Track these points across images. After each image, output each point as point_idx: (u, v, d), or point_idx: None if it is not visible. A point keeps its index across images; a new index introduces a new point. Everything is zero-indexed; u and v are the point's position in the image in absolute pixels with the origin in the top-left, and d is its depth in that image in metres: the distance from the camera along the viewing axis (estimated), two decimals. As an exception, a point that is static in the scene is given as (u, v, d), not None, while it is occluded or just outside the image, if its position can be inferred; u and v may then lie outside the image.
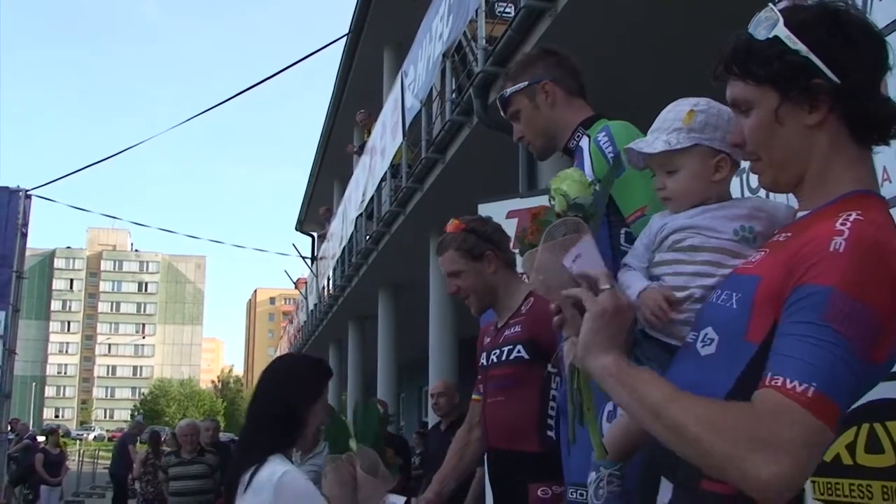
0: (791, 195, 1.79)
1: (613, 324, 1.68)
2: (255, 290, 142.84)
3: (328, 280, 21.73)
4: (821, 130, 1.64)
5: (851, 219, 1.51)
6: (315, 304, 24.87)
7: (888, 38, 2.44)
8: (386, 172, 13.52)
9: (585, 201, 1.91)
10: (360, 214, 15.78)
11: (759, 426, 1.40)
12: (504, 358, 3.32)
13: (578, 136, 2.91)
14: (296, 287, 30.01)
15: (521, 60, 3.13)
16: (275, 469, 2.67)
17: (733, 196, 2.08)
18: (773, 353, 1.47)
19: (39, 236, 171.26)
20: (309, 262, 26.19)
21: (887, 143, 1.69)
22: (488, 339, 3.49)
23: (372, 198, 14.77)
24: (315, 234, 29.00)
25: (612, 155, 2.65)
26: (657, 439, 1.55)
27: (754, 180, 2.95)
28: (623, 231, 2.66)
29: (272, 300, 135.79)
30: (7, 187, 12.32)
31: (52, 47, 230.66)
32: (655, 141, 2.03)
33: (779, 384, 1.41)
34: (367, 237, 15.46)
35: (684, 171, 2.00)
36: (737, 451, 1.40)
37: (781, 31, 1.62)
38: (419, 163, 11.36)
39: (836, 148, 1.65)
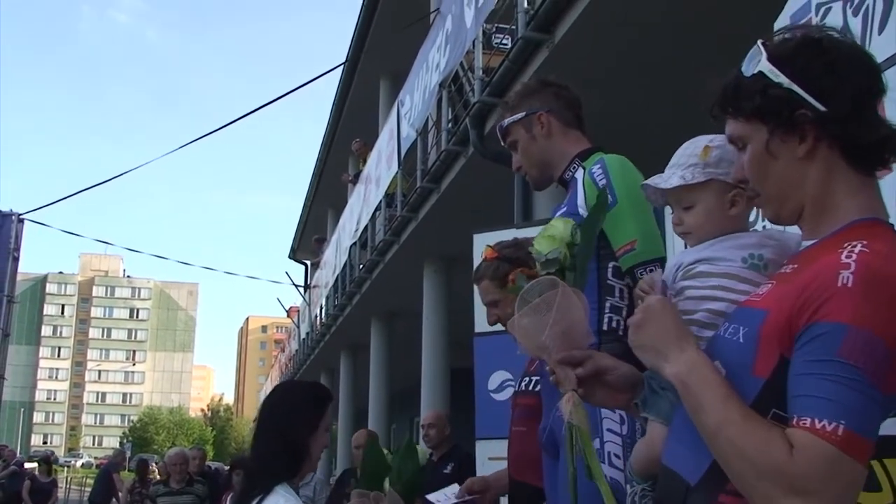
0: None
1: (666, 315, 1.70)
2: (248, 318, 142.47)
3: (321, 309, 21.69)
4: (813, 160, 1.64)
5: (857, 251, 1.49)
6: (307, 333, 24.81)
7: (888, 72, 2.47)
8: (381, 201, 13.53)
9: (559, 254, 1.99)
10: (354, 243, 15.77)
11: (795, 470, 1.40)
12: (530, 388, 3.27)
13: (574, 167, 2.92)
14: (288, 315, 29.98)
15: (520, 91, 3.15)
16: (277, 501, 2.67)
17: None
18: (795, 395, 1.46)
19: (31, 261, 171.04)
20: (302, 290, 26.16)
21: (889, 168, 1.67)
22: (527, 364, 3.45)
23: (366, 227, 14.79)
24: (308, 263, 29.00)
25: (605, 187, 2.66)
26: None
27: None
28: (611, 265, 2.69)
29: (264, 328, 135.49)
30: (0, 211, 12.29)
31: (47, 72, 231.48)
32: (672, 177, 2.04)
33: (807, 425, 1.41)
34: (361, 266, 15.45)
35: (701, 206, 2.01)
36: (775, 495, 1.41)
37: (765, 65, 1.63)
38: (414, 192, 11.36)
39: (833, 176, 1.63)
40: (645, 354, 1.69)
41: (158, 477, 12.09)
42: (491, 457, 5.17)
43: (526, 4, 7.55)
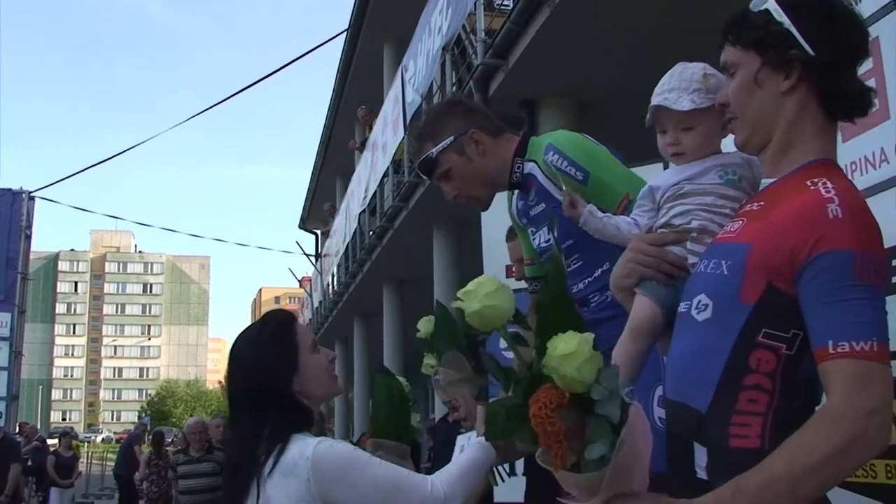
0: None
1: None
2: (260, 290, 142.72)
3: (332, 277, 21.76)
4: (792, 97, 1.82)
5: (830, 186, 1.68)
6: (320, 302, 24.91)
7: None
8: (388, 168, 13.53)
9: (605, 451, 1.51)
10: (363, 210, 15.80)
11: (855, 406, 1.55)
12: None
13: (519, 166, 2.89)
14: (301, 285, 30.04)
15: (430, 119, 3.04)
16: (305, 444, 2.25)
17: None
18: (824, 323, 1.61)
19: (43, 239, 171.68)
20: (313, 259, 26.22)
21: (852, 121, 1.88)
22: None
23: (374, 193, 14.79)
24: (319, 232, 29.04)
25: (569, 168, 2.67)
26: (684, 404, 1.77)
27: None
28: None
29: (277, 299, 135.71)
30: (10, 189, 12.36)
31: (52, 51, 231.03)
32: (679, 99, 2.17)
33: (846, 350, 1.57)
34: (371, 233, 15.48)
35: (701, 129, 2.16)
36: (858, 448, 1.55)
37: (772, 4, 1.82)
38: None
39: (805, 114, 1.82)
40: None
41: (175, 448, 12.22)
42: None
43: (524, -36, 7.52)
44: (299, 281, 29.34)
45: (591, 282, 2.82)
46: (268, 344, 2.42)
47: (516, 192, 3.05)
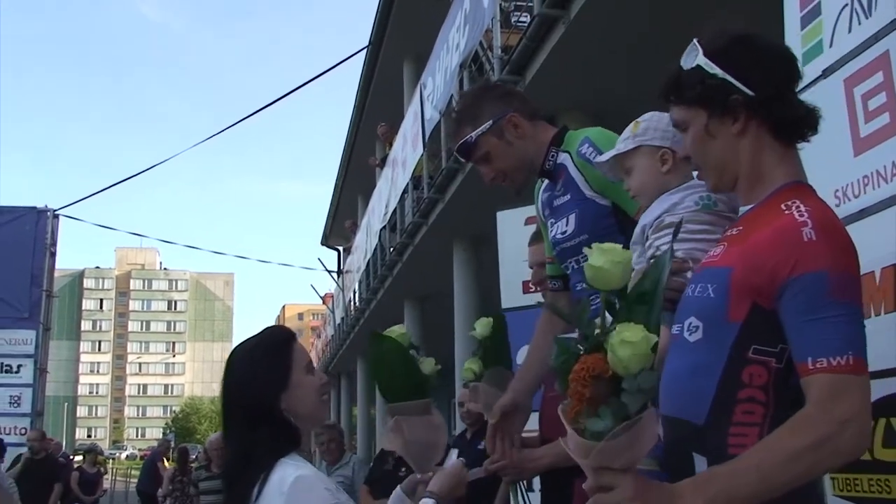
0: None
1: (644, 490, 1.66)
2: (284, 307, 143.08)
3: (354, 293, 21.82)
4: (745, 137, 1.93)
5: (803, 209, 1.79)
6: (342, 318, 24.97)
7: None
8: (408, 184, 13.59)
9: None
10: (384, 227, 15.86)
11: (829, 414, 1.65)
12: None
13: (553, 155, 2.94)
14: (323, 302, 30.14)
15: (469, 103, 3.09)
16: (285, 474, 2.24)
17: None
18: (804, 341, 1.71)
19: (68, 256, 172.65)
20: (335, 275, 26.31)
21: (807, 140, 1.97)
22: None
23: (395, 209, 14.85)
24: (341, 248, 29.15)
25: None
26: (679, 420, 1.84)
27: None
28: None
29: (300, 316, 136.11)
30: (35, 207, 12.52)
31: (75, 68, 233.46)
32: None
33: (824, 365, 1.68)
34: (392, 249, 15.54)
35: (636, 169, 2.38)
36: (829, 450, 1.66)
37: (702, 59, 1.93)
38: (440, 173, 11.42)
39: (762, 148, 1.93)
40: None
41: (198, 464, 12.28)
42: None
43: (540, -19, 7.57)
44: (321, 297, 29.44)
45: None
46: (262, 360, 2.41)
47: (543, 184, 3.10)
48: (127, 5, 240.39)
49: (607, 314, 1.66)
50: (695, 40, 1.97)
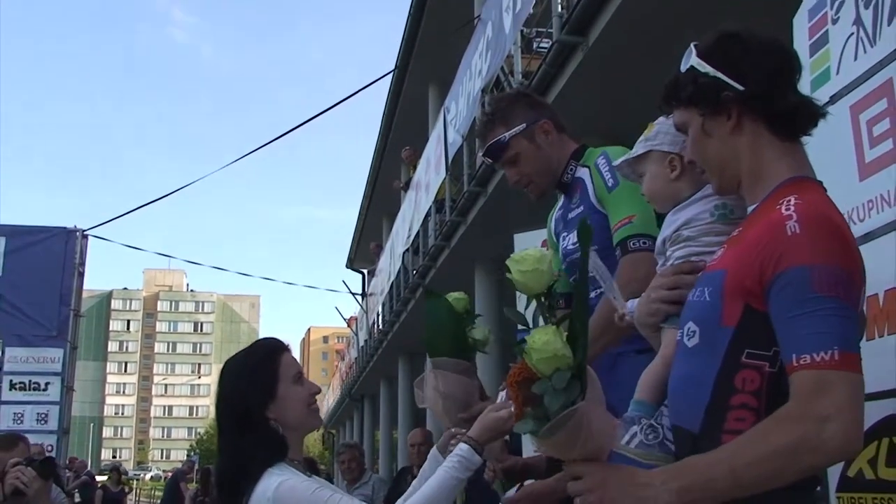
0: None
1: (614, 476, 1.72)
2: (309, 329, 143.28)
3: (378, 316, 21.87)
4: (741, 133, 1.92)
5: (793, 203, 1.75)
6: (365, 341, 25.00)
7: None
8: (430, 207, 13.68)
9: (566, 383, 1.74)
10: (407, 249, 15.94)
11: (808, 410, 1.61)
12: None
13: (572, 168, 3.03)
14: (348, 325, 30.17)
15: (503, 106, 3.17)
16: (270, 482, 2.32)
17: None
18: (788, 338, 1.68)
19: (97, 277, 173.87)
20: (359, 298, 26.39)
21: (808, 134, 1.95)
22: None
23: (418, 232, 14.93)
24: (365, 271, 29.21)
25: (607, 173, 2.81)
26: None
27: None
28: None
29: (325, 339, 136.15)
30: (64, 227, 12.65)
31: (105, 92, 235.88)
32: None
33: (807, 361, 1.63)
34: (414, 272, 15.60)
35: (647, 174, 2.36)
36: (807, 449, 1.61)
37: (695, 60, 1.94)
38: (462, 196, 11.50)
39: (760, 144, 1.91)
40: None
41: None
42: (536, 450, 5.28)
43: (560, 9, 7.69)
44: (346, 320, 29.48)
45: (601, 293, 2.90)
46: (250, 371, 2.52)
47: (558, 204, 3.17)
48: (157, 28, 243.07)
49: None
50: (692, 44, 1.99)
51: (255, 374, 2.51)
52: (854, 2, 3.00)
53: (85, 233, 12.65)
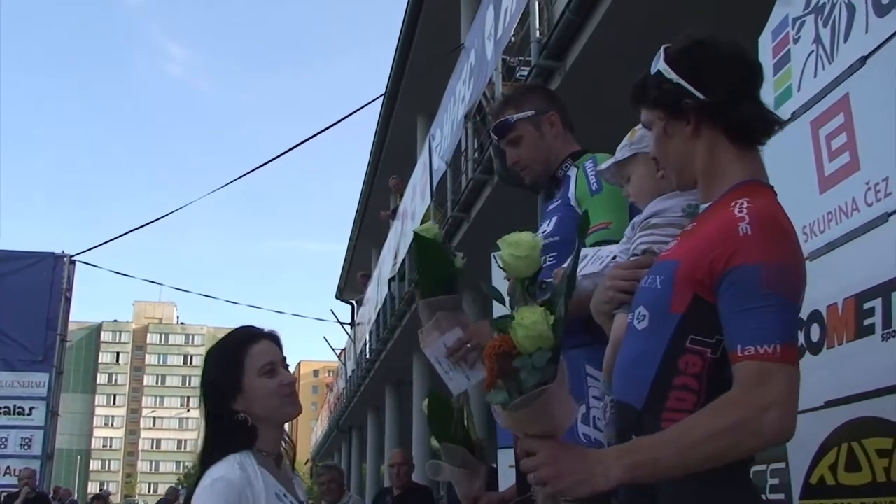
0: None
1: (564, 450, 1.81)
2: (299, 363, 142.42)
3: (365, 344, 21.86)
4: (699, 138, 2.04)
5: (745, 206, 1.87)
6: (353, 370, 24.96)
7: (855, 75, 2.68)
8: (416, 234, 13.70)
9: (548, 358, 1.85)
10: (393, 277, 15.98)
11: (751, 398, 1.73)
12: None
13: (566, 166, 3.12)
14: (338, 358, 30.09)
15: (520, 91, 3.33)
16: (216, 471, 2.37)
17: None
18: (735, 330, 1.80)
19: (86, 309, 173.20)
20: (348, 328, 26.36)
21: (762, 143, 2.07)
22: None
23: (404, 259, 14.98)
24: (354, 302, 29.20)
25: (592, 177, 2.90)
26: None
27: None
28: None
29: (315, 373, 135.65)
30: (52, 253, 12.72)
31: (99, 123, 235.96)
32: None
33: (752, 353, 1.76)
34: (401, 300, 15.63)
35: (634, 176, 2.48)
36: (748, 431, 1.73)
37: (662, 65, 2.04)
38: (446, 222, 11.58)
39: (717, 149, 2.03)
40: (578, 490, 1.78)
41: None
42: (512, 465, 5.29)
43: (538, 34, 7.81)
44: (337, 354, 29.39)
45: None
46: (215, 365, 2.59)
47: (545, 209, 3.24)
48: (153, 63, 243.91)
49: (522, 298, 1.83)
50: (662, 47, 2.09)
51: (220, 367, 2.56)
52: (814, 20, 3.09)
53: (73, 258, 12.71)
